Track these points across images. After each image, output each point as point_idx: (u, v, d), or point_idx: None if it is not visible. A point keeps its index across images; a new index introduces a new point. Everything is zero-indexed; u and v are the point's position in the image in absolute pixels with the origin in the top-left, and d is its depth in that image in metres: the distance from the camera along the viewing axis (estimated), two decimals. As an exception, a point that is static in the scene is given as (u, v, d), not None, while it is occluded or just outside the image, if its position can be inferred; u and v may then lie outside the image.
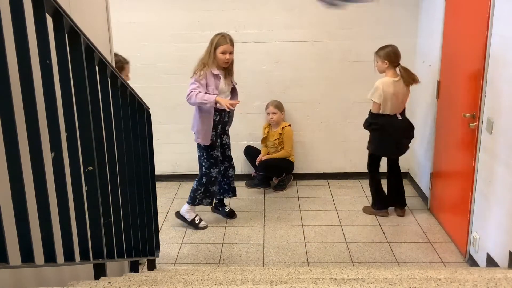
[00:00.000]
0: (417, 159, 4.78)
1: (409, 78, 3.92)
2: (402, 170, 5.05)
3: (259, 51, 4.76)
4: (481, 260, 3.23)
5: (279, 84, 4.86)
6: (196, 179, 4.08)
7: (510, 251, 2.83)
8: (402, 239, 3.84)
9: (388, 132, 3.99)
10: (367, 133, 4.44)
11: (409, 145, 4.20)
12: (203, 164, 4.00)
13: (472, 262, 3.38)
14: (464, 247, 3.50)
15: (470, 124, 3.29)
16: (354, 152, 4.95)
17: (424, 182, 4.55)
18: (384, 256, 3.60)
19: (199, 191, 4.04)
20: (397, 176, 4.25)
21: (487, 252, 3.14)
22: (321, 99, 4.87)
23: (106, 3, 2.81)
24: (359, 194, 4.63)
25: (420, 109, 4.64)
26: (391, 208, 4.30)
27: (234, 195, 4.33)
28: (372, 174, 4.26)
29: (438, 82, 4.06)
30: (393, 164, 4.25)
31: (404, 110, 4.08)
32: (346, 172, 5.11)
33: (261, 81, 4.86)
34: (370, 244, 3.78)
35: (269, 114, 4.78)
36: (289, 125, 4.82)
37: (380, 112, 3.95)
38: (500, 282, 1.97)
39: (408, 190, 4.83)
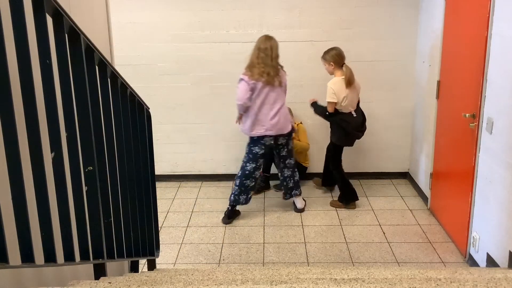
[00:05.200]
0: (417, 159, 4.77)
1: (349, 79, 4.09)
2: (402, 170, 5.08)
3: (259, 51, 4.75)
4: (481, 260, 3.23)
5: (279, 84, 4.85)
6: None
7: (510, 251, 2.83)
8: (402, 239, 3.84)
9: (344, 128, 4.20)
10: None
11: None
12: (244, 157, 4.21)
13: (472, 262, 3.37)
14: (464, 247, 3.50)
15: (470, 124, 3.29)
16: (354, 152, 4.95)
17: (424, 182, 4.55)
18: (384, 256, 3.60)
19: (236, 186, 4.19)
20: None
21: (487, 252, 3.14)
22: (321, 99, 4.87)
23: (106, 3, 2.81)
24: (359, 194, 4.62)
25: (420, 109, 4.64)
26: (358, 202, 4.52)
27: (296, 192, 4.37)
28: (338, 168, 4.45)
29: (438, 82, 4.06)
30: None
31: (358, 105, 4.28)
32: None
33: (261, 81, 4.85)
34: (370, 244, 3.78)
35: None
36: (301, 123, 4.95)
37: (337, 108, 4.16)
38: (500, 282, 1.97)
39: (408, 190, 4.83)
